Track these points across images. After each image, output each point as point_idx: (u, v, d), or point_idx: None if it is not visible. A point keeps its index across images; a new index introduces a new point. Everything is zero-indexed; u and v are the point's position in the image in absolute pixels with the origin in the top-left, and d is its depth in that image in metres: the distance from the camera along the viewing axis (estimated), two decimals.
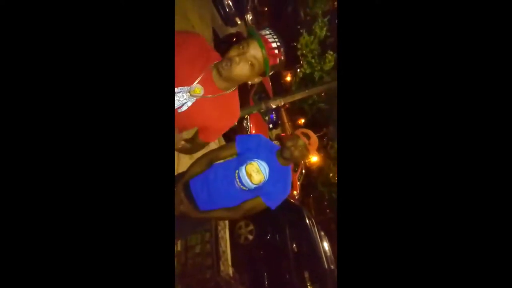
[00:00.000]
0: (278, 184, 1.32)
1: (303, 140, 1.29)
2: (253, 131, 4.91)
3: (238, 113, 1.02)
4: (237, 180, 1.31)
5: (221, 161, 1.40)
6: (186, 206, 1.29)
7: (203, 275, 2.20)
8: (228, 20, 6.88)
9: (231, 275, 2.43)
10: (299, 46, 11.34)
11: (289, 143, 1.30)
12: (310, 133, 1.33)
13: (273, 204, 1.33)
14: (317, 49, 11.33)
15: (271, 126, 7.84)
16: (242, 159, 1.32)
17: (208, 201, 1.34)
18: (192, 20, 4.74)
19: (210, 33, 5.53)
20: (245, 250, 3.01)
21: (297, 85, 11.37)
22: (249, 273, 2.82)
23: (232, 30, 6.78)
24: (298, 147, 1.28)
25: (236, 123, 1.04)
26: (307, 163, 10.14)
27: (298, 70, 11.92)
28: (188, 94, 0.88)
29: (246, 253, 3.01)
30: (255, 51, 0.80)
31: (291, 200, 4.34)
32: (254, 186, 1.29)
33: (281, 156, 1.31)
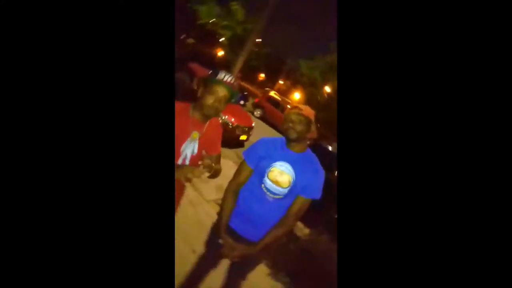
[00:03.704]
0: (308, 173, 1.20)
1: (295, 111, 1.18)
2: (232, 119, 4.88)
3: (221, 128, 1.34)
4: (268, 193, 1.20)
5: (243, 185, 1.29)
6: (240, 249, 1.18)
7: None
8: None
9: None
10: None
11: (285, 125, 1.19)
12: (300, 105, 1.22)
13: (316, 194, 1.20)
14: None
15: (242, 102, 7.76)
16: (260, 171, 1.22)
17: (256, 229, 1.22)
18: None
19: None
20: None
21: (229, 48, 11.75)
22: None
23: None
24: (296, 120, 1.17)
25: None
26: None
27: (220, 40, 11.99)
28: (191, 143, 1.18)
29: None
30: (223, 93, 1.14)
31: None
32: (287, 189, 1.18)
33: (289, 140, 1.20)
